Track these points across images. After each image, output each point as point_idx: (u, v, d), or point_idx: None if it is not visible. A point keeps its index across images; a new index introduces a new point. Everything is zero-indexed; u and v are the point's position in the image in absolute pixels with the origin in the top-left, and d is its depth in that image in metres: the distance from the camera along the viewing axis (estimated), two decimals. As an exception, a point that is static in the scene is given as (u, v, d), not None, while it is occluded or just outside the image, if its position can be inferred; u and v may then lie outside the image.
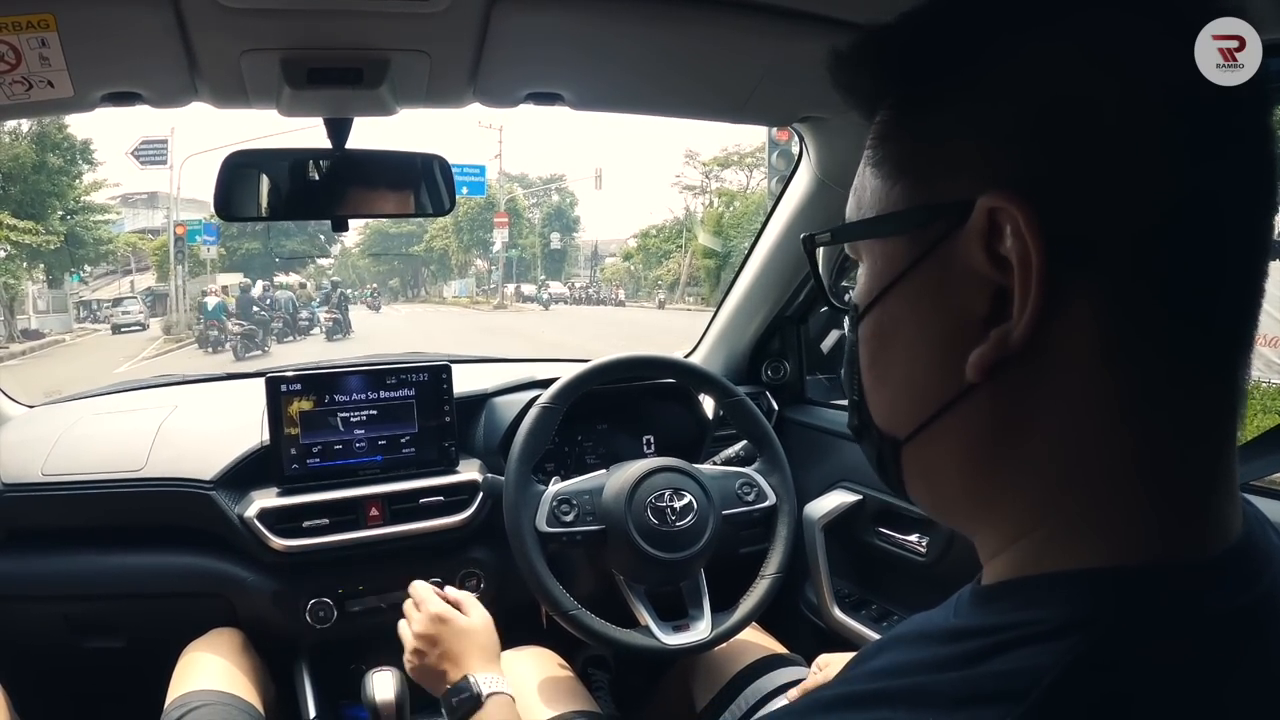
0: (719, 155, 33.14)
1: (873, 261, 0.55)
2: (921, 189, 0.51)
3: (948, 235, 0.49)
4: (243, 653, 1.64)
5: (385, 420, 1.78)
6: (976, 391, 0.49)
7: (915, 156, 0.52)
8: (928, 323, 0.51)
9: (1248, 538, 0.50)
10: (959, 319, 0.49)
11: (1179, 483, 0.48)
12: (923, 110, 0.51)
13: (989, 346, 0.47)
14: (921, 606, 1.67)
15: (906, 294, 0.52)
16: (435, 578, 1.74)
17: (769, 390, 2.17)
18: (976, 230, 0.47)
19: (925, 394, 0.52)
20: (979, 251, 0.47)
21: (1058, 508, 0.49)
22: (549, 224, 42.96)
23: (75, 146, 21.72)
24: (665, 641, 1.57)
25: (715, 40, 1.25)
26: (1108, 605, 0.45)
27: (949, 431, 0.52)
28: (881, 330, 0.55)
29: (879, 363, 0.56)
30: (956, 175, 0.49)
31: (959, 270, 0.48)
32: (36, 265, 22.28)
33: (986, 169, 0.47)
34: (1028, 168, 0.46)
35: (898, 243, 0.52)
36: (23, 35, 1.06)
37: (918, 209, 0.51)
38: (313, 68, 1.20)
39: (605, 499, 1.63)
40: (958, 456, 0.52)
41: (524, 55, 1.24)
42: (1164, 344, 0.46)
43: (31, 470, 1.70)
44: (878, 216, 0.54)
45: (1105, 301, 0.45)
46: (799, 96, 1.47)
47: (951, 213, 0.48)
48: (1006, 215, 0.46)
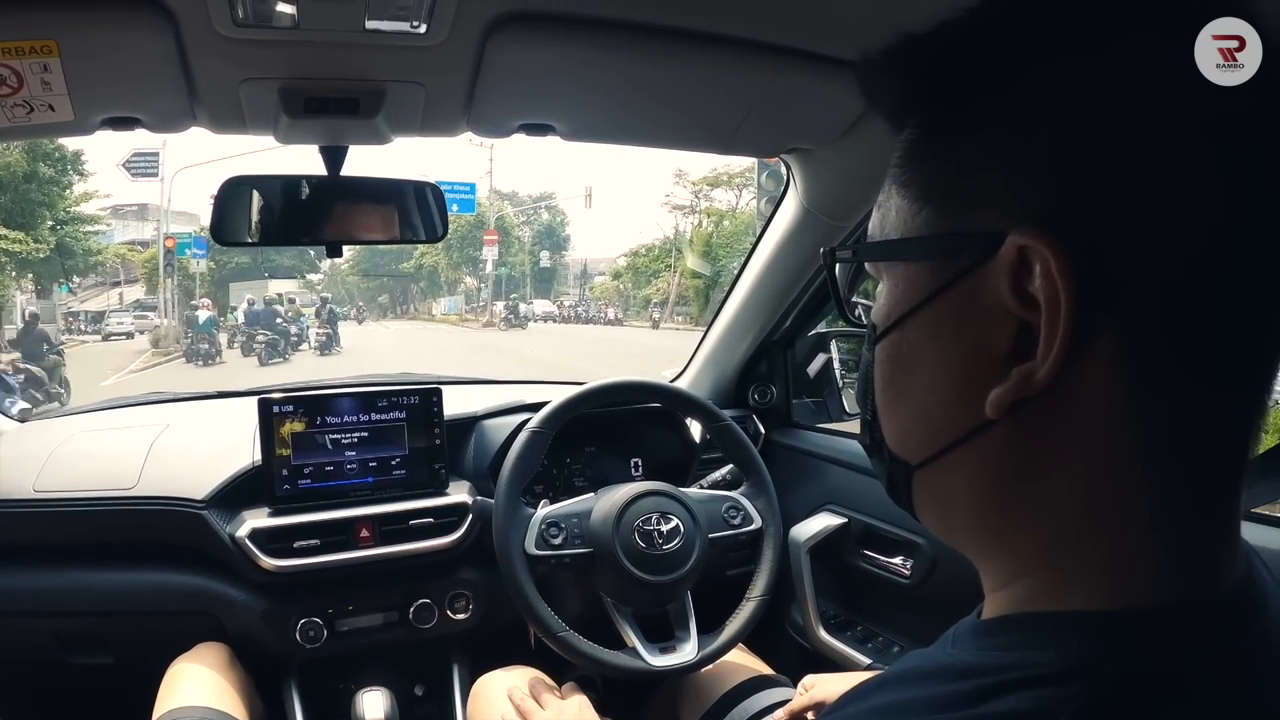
0: (708, 175, 33.16)
1: (894, 284, 0.54)
2: (948, 216, 0.50)
3: (974, 267, 0.47)
4: (230, 668, 1.64)
5: (376, 442, 1.79)
6: (994, 427, 0.48)
7: (943, 181, 0.50)
8: (948, 353, 0.50)
9: (1246, 577, 0.49)
10: (980, 352, 0.48)
11: (1190, 528, 0.47)
12: (952, 133, 0.50)
13: (1011, 386, 0.46)
14: (905, 628, 1.69)
15: (928, 321, 0.51)
16: (424, 599, 1.75)
17: (756, 414, 2.18)
18: (1005, 265, 0.46)
19: (941, 424, 0.51)
20: (1006, 287, 0.46)
21: (1069, 548, 0.48)
22: (539, 242, 42.92)
23: (66, 157, 21.61)
24: (652, 663, 1.59)
25: (704, 74, 1.27)
26: (1113, 651, 0.44)
27: (963, 464, 0.51)
28: (899, 355, 0.53)
29: (894, 387, 0.55)
30: (985, 205, 0.47)
31: (983, 303, 0.47)
32: (25, 275, 22.14)
33: (1017, 202, 0.46)
34: (1060, 203, 0.45)
35: (921, 268, 0.51)
36: (25, 60, 1.08)
37: (944, 236, 0.50)
38: (310, 97, 1.22)
39: (593, 522, 1.64)
40: (971, 489, 0.51)
41: (517, 87, 1.26)
42: (1187, 391, 0.46)
43: (23, 487, 1.70)
44: (903, 239, 0.53)
45: (1130, 345, 0.45)
46: (786, 128, 1.49)
47: (980, 244, 0.47)
48: (1037, 254, 0.44)
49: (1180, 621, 0.45)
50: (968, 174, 0.49)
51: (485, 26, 1.09)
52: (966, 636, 0.53)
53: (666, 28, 1.15)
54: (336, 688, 1.79)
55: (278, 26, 1.06)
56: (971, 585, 0.56)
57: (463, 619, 1.81)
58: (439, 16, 1.05)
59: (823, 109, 1.39)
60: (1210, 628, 0.46)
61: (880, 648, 1.80)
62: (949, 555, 1.65)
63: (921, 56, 0.52)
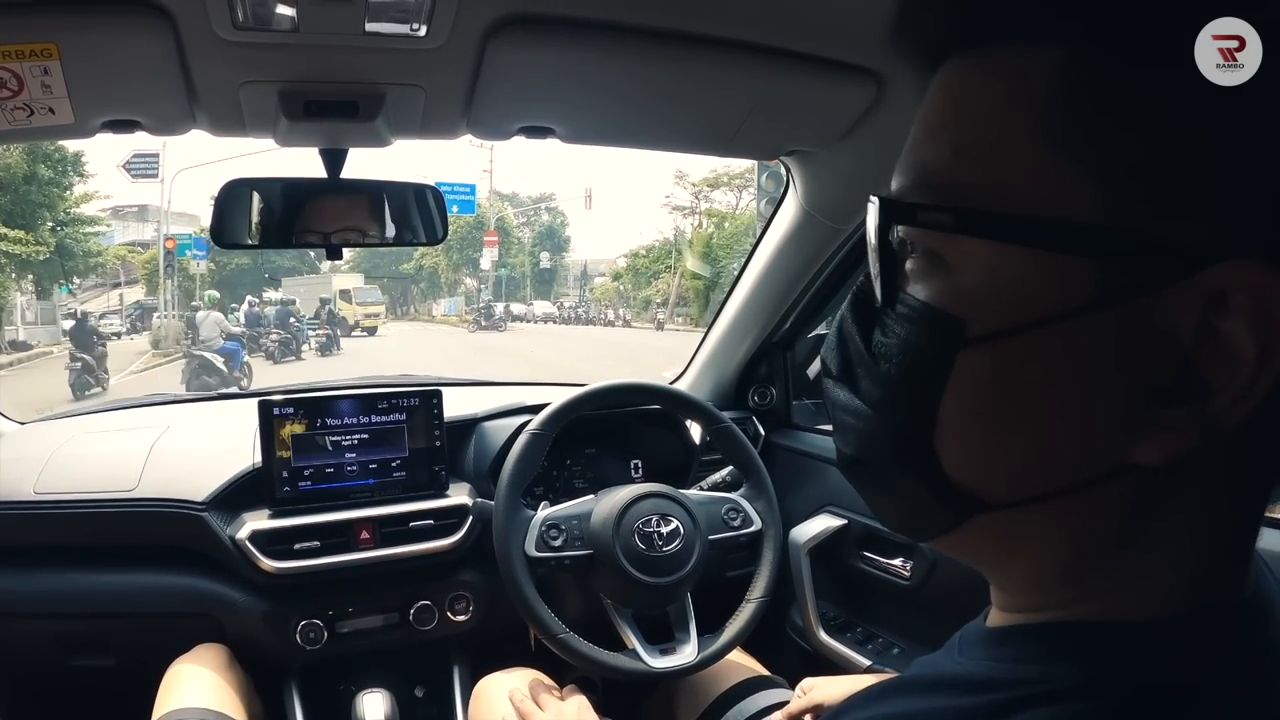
0: (708, 176, 33.14)
1: (1009, 274, 0.41)
2: (1132, 206, 0.38)
3: (1160, 282, 0.38)
4: (229, 669, 1.64)
5: (376, 444, 1.80)
6: (1130, 474, 0.41)
7: (1126, 157, 0.38)
8: (1099, 380, 0.40)
9: (1257, 584, 0.47)
10: (1134, 386, 0.40)
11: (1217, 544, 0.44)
12: (1141, 96, 0.38)
13: (1183, 434, 0.39)
14: (905, 629, 1.69)
15: (1077, 336, 0.40)
16: (425, 600, 1.75)
17: (755, 415, 2.19)
18: (1202, 293, 0.37)
19: (1063, 463, 0.42)
20: (1192, 318, 0.38)
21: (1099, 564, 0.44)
22: (539, 243, 42.91)
23: (66, 158, 21.58)
24: (652, 664, 1.59)
25: (704, 77, 1.27)
26: (1134, 662, 0.42)
27: (1074, 509, 0.43)
28: (1021, 372, 0.42)
29: (996, 410, 0.43)
30: (1189, 208, 0.38)
31: (1155, 327, 0.39)
32: (25, 276, 22.13)
33: (1235, 218, 0.37)
34: (1273, 234, 0.37)
35: (1071, 264, 0.39)
36: (26, 63, 1.08)
37: (1128, 235, 0.38)
38: (310, 100, 1.22)
39: (593, 524, 1.64)
40: (1068, 539, 0.44)
41: (517, 90, 1.26)
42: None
43: (24, 488, 1.70)
44: (1054, 220, 0.40)
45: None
46: (785, 131, 1.49)
47: (1175, 258, 0.38)
48: (1254, 292, 0.36)
49: (1199, 630, 0.43)
50: (1171, 159, 0.38)
51: (485, 29, 1.10)
52: (977, 645, 0.50)
53: (666, 30, 1.16)
54: (337, 689, 1.79)
55: (277, 29, 1.06)
56: (972, 587, 0.55)
57: (463, 621, 1.81)
58: (439, 19, 1.05)
59: (822, 111, 1.39)
60: (1228, 635, 0.44)
61: (880, 649, 1.80)
62: (949, 557, 1.65)
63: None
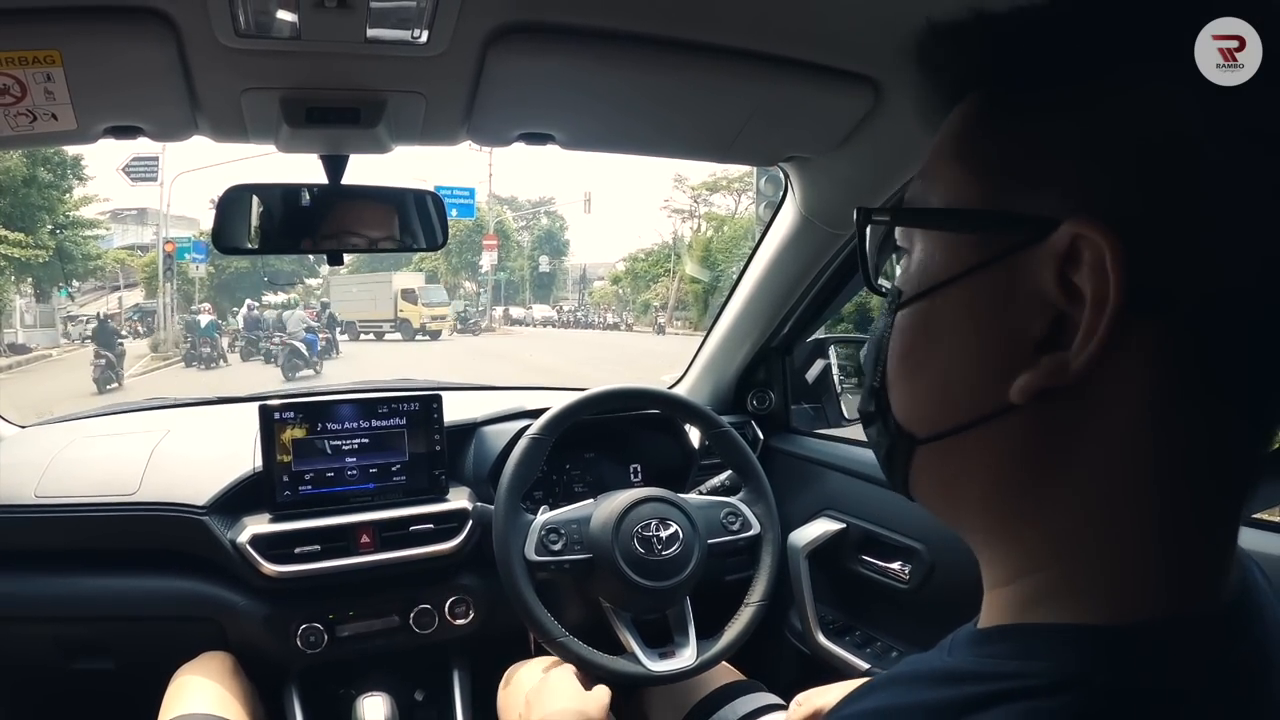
0: (707, 180, 33.21)
1: (930, 252, 0.53)
2: (1004, 194, 0.49)
3: (1022, 248, 0.47)
4: (233, 676, 1.64)
5: (377, 448, 1.80)
6: (1014, 413, 0.48)
7: (1005, 160, 0.50)
8: (979, 330, 0.50)
9: (1242, 586, 0.50)
10: (1013, 335, 0.48)
11: (1192, 545, 0.48)
12: (1022, 115, 0.50)
13: (1041, 373, 0.46)
14: (904, 633, 1.70)
15: (963, 295, 0.50)
16: (425, 604, 1.76)
17: (754, 419, 2.19)
18: (1055, 252, 0.45)
19: (960, 401, 0.51)
20: (1051, 274, 0.46)
21: (1072, 552, 0.48)
22: (538, 247, 42.87)
23: (66, 162, 21.53)
24: (651, 668, 1.59)
25: (703, 84, 1.28)
26: (1105, 663, 0.44)
27: (977, 445, 0.51)
28: (926, 324, 0.53)
29: (914, 356, 0.54)
30: (1045, 190, 0.47)
31: (1025, 287, 0.47)
32: (25, 279, 22.11)
33: (1079, 193, 0.46)
34: (1123, 203, 0.45)
35: (964, 240, 0.51)
36: (29, 70, 1.08)
37: (997, 214, 0.49)
38: (311, 107, 1.23)
39: (593, 528, 1.65)
40: (982, 471, 0.51)
41: (517, 97, 1.27)
42: (1209, 410, 0.46)
43: (24, 492, 1.70)
44: (951, 209, 0.52)
45: (1164, 355, 0.45)
46: (784, 138, 1.50)
47: (1033, 227, 0.46)
48: (1092, 246, 0.44)
49: (1174, 635, 0.46)
50: (1033, 157, 0.48)
51: (485, 37, 1.10)
52: (965, 644, 0.53)
53: (665, 38, 1.16)
54: (337, 693, 1.79)
55: (279, 37, 1.07)
56: (970, 590, 0.56)
57: (463, 624, 1.81)
58: (439, 27, 1.06)
59: (821, 118, 1.40)
60: (1204, 641, 0.46)
61: (879, 652, 1.81)
62: (947, 560, 1.66)
63: (999, 35, 0.51)
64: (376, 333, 28.87)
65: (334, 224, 1.45)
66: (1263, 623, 0.49)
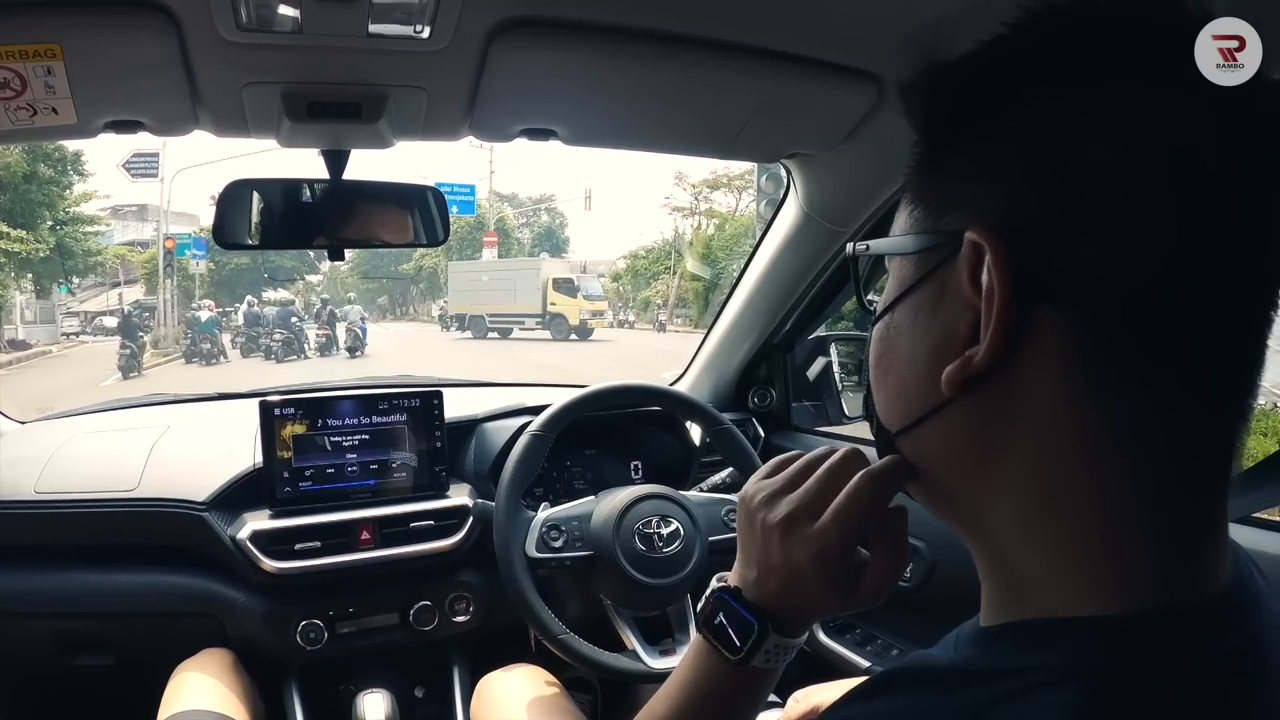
0: (708, 177, 33.08)
1: (893, 275, 0.60)
2: (934, 218, 0.56)
3: (946, 260, 0.54)
4: (233, 673, 1.64)
5: (377, 445, 1.80)
6: (955, 404, 0.54)
7: (934, 190, 0.57)
8: (922, 335, 0.56)
9: (1236, 579, 0.52)
10: (947, 336, 0.53)
11: (1172, 527, 0.49)
12: (947, 150, 0.56)
13: (958, 364, 0.52)
14: (905, 631, 1.69)
15: (910, 307, 0.57)
16: (425, 601, 1.75)
17: (755, 417, 2.19)
18: (965, 260, 0.51)
19: (914, 398, 0.57)
20: (965, 278, 0.51)
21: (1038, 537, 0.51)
22: (539, 244, 42.86)
23: (66, 157, 21.51)
24: (652, 665, 1.59)
25: (706, 80, 1.27)
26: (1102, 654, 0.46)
27: (934, 435, 0.57)
28: (888, 335, 0.60)
29: (882, 363, 0.61)
30: (959, 209, 0.53)
31: (951, 293, 0.53)
32: (25, 275, 22.11)
33: (981, 207, 0.52)
34: (1016, 211, 0.50)
35: (911, 261, 0.58)
36: (29, 63, 1.08)
37: (926, 234, 0.56)
38: (312, 101, 1.22)
39: (594, 525, 1.65)
40: (942, 458, 0.57)
41: (519, 92, 1.27)
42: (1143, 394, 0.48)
43: (24, 488, 1.70)
44: (899, 237, 0.59)
45: (1073, 343, 0.48)
46: (787, 134, 1.49)
47: (949, 241, 0.53)
48: (981, 249, 0.50)
49: (1167, 625, 0.47)
50: (953, 182, 0.55)
51: (488, 32, 1.10)
52: (971, 642, 0.55)
53: (668, 33, 1.16)
54: (337, 690, 1.79)
55: (280, 31, 1.06)
56: (972, 588, 0.57)
57: (463, 621, 1.81)
58: (442, 21, 1.06)
59: (823, 114, 1.39)
60: (1196, 631, 0.48)
61: (879, 650, 1.81)
62: (948, 558, 1.66)
63: (941, 83, 0.57)
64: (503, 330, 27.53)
65: (335, 219, 1.45)
66: (1259, 615, 0.51)
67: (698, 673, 0.78)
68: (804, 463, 0.73)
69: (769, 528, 0.70)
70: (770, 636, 0.72)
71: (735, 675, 0.75)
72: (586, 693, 2.08)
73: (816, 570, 0.68)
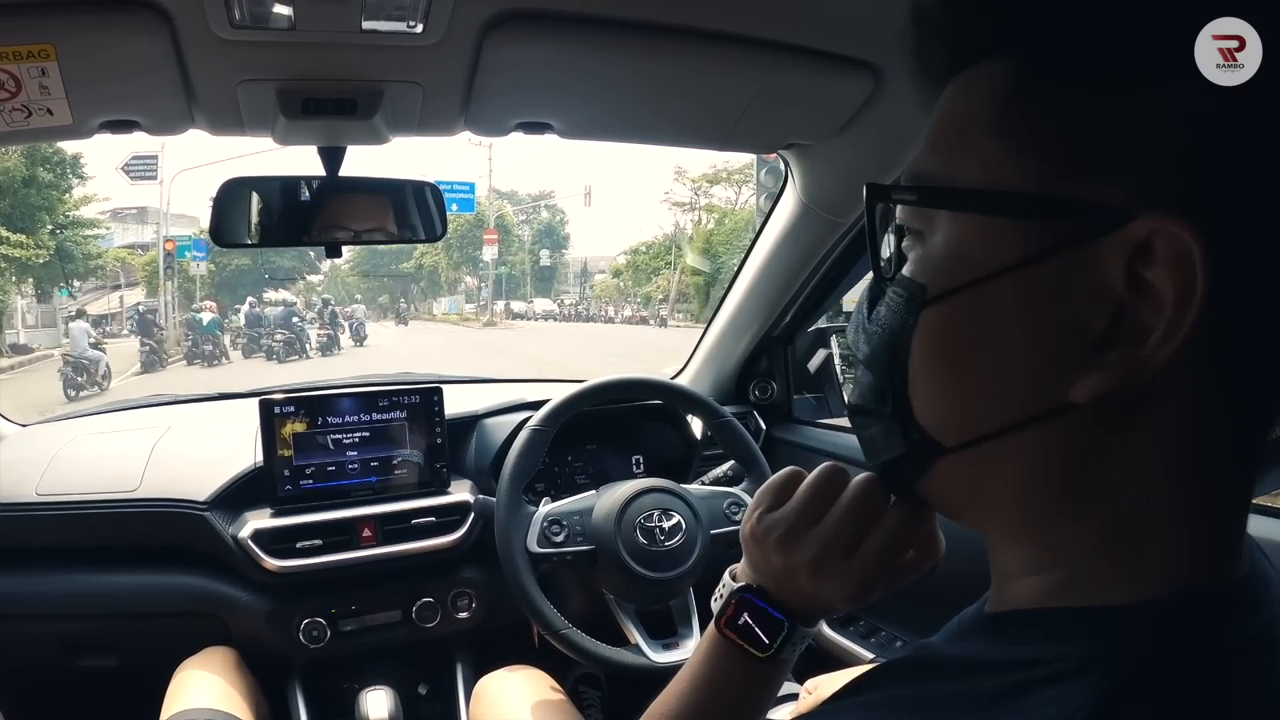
0: (708, 172, 33.05)
1: (963, 240, 0.48)
2: (1062, 178, 0.44)
3: (1085, 239, 0.43)
4: (236, 671, 1.64)
5: (378, 442, 1.80)
6: (1069, 414, 0.45)
7: (1057, 140, 0.45)
8: (1032, 327, 0.46)
9: (1251, 564, 0.49)
10: (1070, 332, 0.45)
11: (1210, 522, 0.47)
12: (1068, 93, 0.45)
13: (1113, 372, 0.43)
14: (908, 622, 1.68)
15: (1014, 289, 0.46)
16: (427, 597, 1.75)
17: (756, 410, 2.19)
18: (1126, 246, 0.42)
19: (1005, 405, 0.48)
20: (1120, 269, 0.43)
21: (1112, 543, 0.47)
22: (539, 241, 42.87)
23: (65, 161, 21.49)
24: (655, 659, 1.59)
25: (703, 71, 1.27)
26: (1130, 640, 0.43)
27: (1020, 449, 0.48)
28: (966, 323, 0.48)
29: (951, 358, 0.50)
30: (1110, 177, 0.43)
31: (1086, 280, 0.44)
32: (25, 279, 22.10)
33: (1150, 182, 0.42)
34: (1199, 196, 0.42)
35: (1009, 228, 0.46)
36: (23, 64, 1.08)
37: (1056, 200, 0.45)
38: (307, 98, 1.22)
39: (595, 519, 1.64)
40: (1022, 476, 0.48)
41: (514, 86, 1.27)
42: (1239, 391, 0.45)
43: (26, 490, 1.70)
44: (998, 192, 0.47)
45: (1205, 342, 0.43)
46: (784, 124, 1.49)
47: (1100, 217, 0.43)
48: (1171, 240, 0.41)
49: (1194, 607, 0.45)
50: (1092, 140, 0.44)
51: (482, 25, 1.10)
52: (975, 630, 0.53)
53: (663, 24, 1.16)
54: (340, 687, 1.79)
55: (274, 28, 1.06)
56: (973, 579, 0.56)
57: (466, 618, 1.81)
58: (435, 16, 1.06)
59: (821, 104, 1.39)
60: (1223, 612, 0.46)
61: (883, 642, 1.80)
62: (950, 550, 1.65)
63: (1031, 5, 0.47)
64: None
65: (333, 216, 1.44)
66: (1269, 600, 0.48)
67: (715, 668, 0.76)
68: (814, 489, 0.68)
69: (795, 568, 0.67)
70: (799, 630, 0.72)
71: (756, 669, 0.74)
72: (594, 688, 2.08)
73: (850, 602, 0.68)
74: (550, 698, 1.62)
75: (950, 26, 0.50)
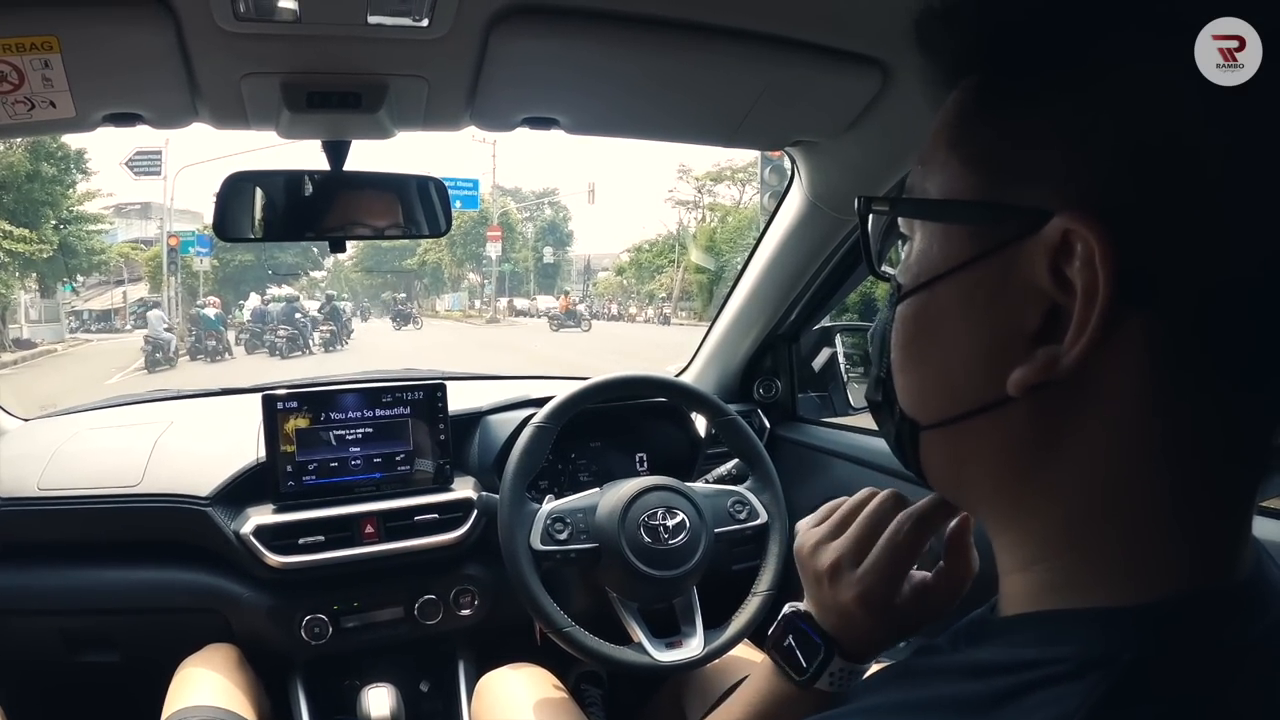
0: (711, 170, 33.18)
1: (928, 244, 0.53)
2: (998, 185, 0.49)
3: (1015, 240, 0.47)
4: (238, 668, 1.64)
5: (381, 438, 1.79)
6: (1012, 404, 0.48)
7: (997, 150, 0.50)
8: (975, 322, 0.50)
9: (1257, 568, 0.50)
10: (1009, 327, 0.48)
11: (1209, 527, 0.47)
12: (1011, 103, 0.49)
13: (1035, 367, 0.47)
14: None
15: (960, 287, 0.51)
16: (430, 595, 1.75)
17: (761, 408, 2.18)
18: (1047, 245, 0.45)
19: (958, 391, 0.52)
20: (1043, 267, 0.46)
21: (1085, 535, 0.48)
22: (542, 238, 42.90)
23: (69, 156, 21.57)
24: (658, 658, 1.58)
25: (710, 67, 1.26)
26: (1130, 642, 0.44)
27: (980, 432, 0.51)
28: (925, 315, 0.54)
29: (914, 346, 0.55)
30: (1037, 182, 0.47)
31: (1018, 279, 0.47)
32: (29, 274, 22.15)
33: (1070, 184, 0.45)
34: (1114, 195, 0.44)
35: (960, 232, 0.51)
36: (26, 56, 1.07)
37: (990, 205, 0.49)
38: (312, 92, 1.21)
39: (599, 517, 1.64)
40: (989, 456, 0.52)
41: (520, 80, 1.26)
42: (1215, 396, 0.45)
43: (28, 485, 1.70)
44: (946, 201, 0.52)
45: (1161, 344, 0.44)
46: (791, 121, 1.48)
47: (1025, 219, 0.46)
48: (1082, 240, 0.44)
49: (1196, 609, 0.46)
50: (1024, 146, 0.48)
51: (488, 19, 1.09)
52: (983, 633, 0.54)
53: (671, 19, 1.15)
54: (342, 684, 1.79)
55: (279, 21, 1.05)
56: (979, 579, 0.56)
57: (468, 615, 1.81)
58: (441, 10, 1.05)
59: (829, 101, 1.38)
60: (1226, 614, 0.46)
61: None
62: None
63: (991, 17, 0.50)
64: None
65: (336, 211, 1.44)
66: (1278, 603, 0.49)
67: (762, 692, 0.83)
68: (849, 508, 0.77)
69: (818, 574, 0.77)
70: (836, 660, 0.76)
71: (799, 697, 0.79)
72: (597, 686, 2.08)
73: (864, 611, 0.73)
74: (552, 696, 1.62)
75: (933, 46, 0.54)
